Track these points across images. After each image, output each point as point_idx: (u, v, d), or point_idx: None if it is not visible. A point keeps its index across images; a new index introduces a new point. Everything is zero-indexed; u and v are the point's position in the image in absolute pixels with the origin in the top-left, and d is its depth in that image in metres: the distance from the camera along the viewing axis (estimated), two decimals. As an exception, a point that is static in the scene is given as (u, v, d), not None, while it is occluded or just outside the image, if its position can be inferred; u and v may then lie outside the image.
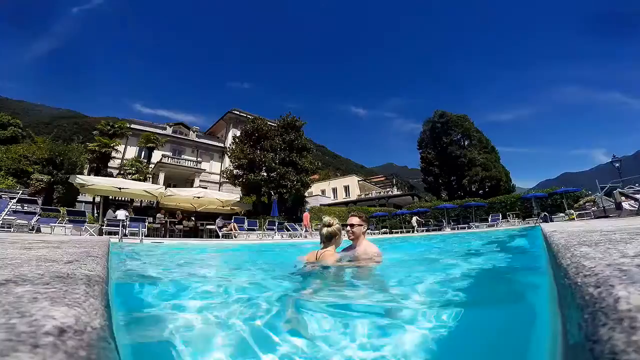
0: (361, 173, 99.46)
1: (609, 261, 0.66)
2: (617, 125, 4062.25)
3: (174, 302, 1.40)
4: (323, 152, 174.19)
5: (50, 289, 0.57)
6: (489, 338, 0.98)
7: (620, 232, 1.52)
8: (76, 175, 11.65)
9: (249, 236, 12.08)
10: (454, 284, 1.79)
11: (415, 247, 6.74)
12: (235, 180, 17.38)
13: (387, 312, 1.26)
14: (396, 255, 3.90)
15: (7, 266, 0.87)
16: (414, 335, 0.95)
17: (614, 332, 0.36)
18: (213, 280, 2.24)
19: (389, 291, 1.68)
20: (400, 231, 17.96)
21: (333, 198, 35.79)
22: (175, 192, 13.14)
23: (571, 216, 12.76)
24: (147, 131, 25.92)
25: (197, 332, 1.03)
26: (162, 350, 0.91)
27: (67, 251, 1.47)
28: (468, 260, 3.17)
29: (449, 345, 0.94)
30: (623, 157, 16.26)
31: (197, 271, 2.84)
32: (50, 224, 8.66)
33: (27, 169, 14.20)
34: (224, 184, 26.69)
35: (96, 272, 0.84)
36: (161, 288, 1.77)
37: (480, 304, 1.44)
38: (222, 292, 1.66)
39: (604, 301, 0.44)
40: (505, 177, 32.16)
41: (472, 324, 1.13)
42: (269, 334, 0.98)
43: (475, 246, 5.09)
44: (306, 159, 17.84)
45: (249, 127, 18.06)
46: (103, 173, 19.32)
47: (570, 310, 0.57)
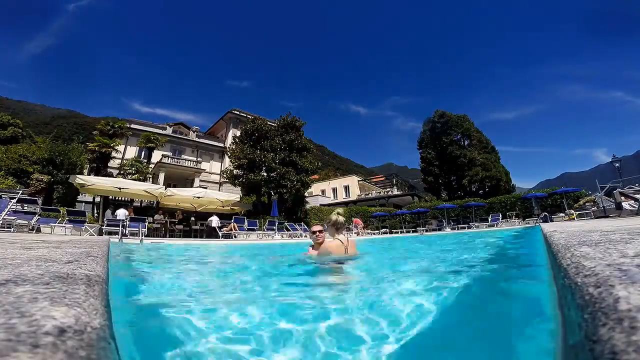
0: (361, 173, 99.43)
1: (609, 261, 0.66)
2: (619, 124, 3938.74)
3: (173, 302, 1.40)
4: (323, 152, 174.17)
5: (50, 289, 0.57)
6: (489, 338, 0.98)
7: (620, 232, 1.52)
8: (76, 175, 11.64)
9: (249, 236, 12.08)
10: (454, 284, 1.79)
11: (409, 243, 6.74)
12: (235, 180, 17.38)
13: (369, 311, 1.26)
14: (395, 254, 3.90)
15: (7, 266, 0.87)
16: (412, 336, 0.95)
17: (614, 332, 0.36)
18: (211, 279, 2.24)
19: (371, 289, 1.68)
20: (401, 231, 17.96)
21: (333, 198, 35.78)
22: (175, 192, 13.14)
23: (571, 216, 12.76)
24: (147, 131, 25.92)
25: (195, 332, 1.02)
26: (162, 350, 0.91)
27: (67, 251, 1.47)
28: (468, 260, 3.17)
29: (449, 345, 0.94)
30: (623, 157, 16.26)
31: (195, 270, 2.84)
32: (50, 224, 8.66)
33: (27, 169, 14.20)
34: (224, 184, 26.68)
35: (96, 272, 0.84)
36: (160, 287, 1.77)
37: (480, 304, 1.44)
38: (220, 292, 1.66)
39: (604, 301, 0.44)
40: (505, 177, 32.16)
41: (472, 324, 1.13)
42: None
43: (475, 246, 5.09)
44: (306, 159, 17.83)
45: (249, 127, 18.05)
46: (103, 173, 19.30)
47: (570, 310, 0.57)
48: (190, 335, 0.99)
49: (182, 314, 1.20)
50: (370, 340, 0.92)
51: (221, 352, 0.88)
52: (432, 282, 1.81)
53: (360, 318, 1.12)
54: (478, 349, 0.93)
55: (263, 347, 0.90)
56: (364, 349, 0.88)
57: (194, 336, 0.99)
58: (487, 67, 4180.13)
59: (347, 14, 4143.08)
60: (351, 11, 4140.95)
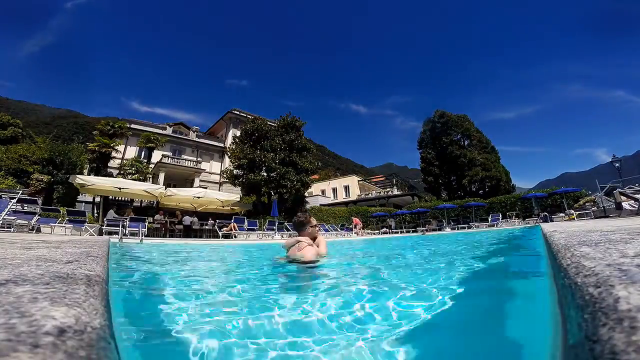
0: (361, 173, 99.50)
1: (609, 261, 0.66)
2: (621, 123, 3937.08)
3: (173, 301, 1.40)
4: (323, 152, 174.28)
5: (50, 289, 0.57)
6: (489, 338, 0.98)
7: (620, 232, 1.53)
8: (76, 175, 11.64)
9: (248, 236, 12.08)
10: (453, 283, 1.79)
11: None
12: (235, 180, 17.39)
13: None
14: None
15: (7, 266, 0.87)
16: (411, 335, 0.95)
17: (614, 332, 0.36)
18: (209, 279, 2.25)
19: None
20: (401, 231, 17.97)
21: (333, 198, 35.78)
22: (175, 192, 13.14)
23: (571, 216, 12.76)
24: (147, 131, 25.94)
25: (194, 330, 1.02)
26: (162, 349, 0.91)
27: (67, 251, 1.47)
28: (467, 260, 3.17)
29: (449, 345, 0.94)
30: (623, 157, 16.27)
31: (193, 270, 2.84)
32: (50, 224, 8.66)
33: (27, 169, 14.21)
34: (224, 184, 26.70)
35: (96, 272, 0.84)
36: (159, 287, 1.77)
37: (480, 304, 1.44)
38: (218, 291, 1.66)
39: (604, 301, 0.44)
40: (505, 177, 32.17)
41: (471, 324, 1.13)
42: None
43: (474, 246, 5.09)
44: (306, 159, 17.84)
45: (249, 127, 18.06)
46: (103, 173, 19.32)
47: (570, 310, 0.57)
48: (190, 335, 0.99)
49: (182, 313, 1.20)
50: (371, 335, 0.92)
51: (221, 351, 0.88)
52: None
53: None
54: (478, 349, 0.93)
55: (264, 348, 0.90)
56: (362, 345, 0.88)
57: (194, 336, 0.99)
58: (488, 66, 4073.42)
59: (347, 13, 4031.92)
60: (351, 10, 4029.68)
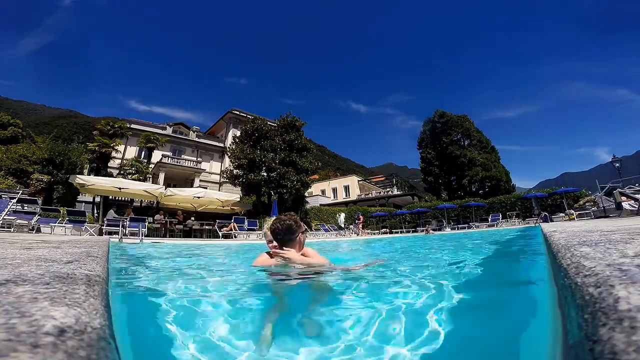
0: (361, 173, 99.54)
1: (609, 261, 0.66)
2: (622, 122, 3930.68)
3: (173, 301, 1.40)
4: (323, 152, 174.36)
5: (50, 289, 0.57)
6: (489, 338, 0.98)
7: (620, 232, 1.53)
8: (76, 175, 11.64)
9: (249, 236, 12.08)
10: (452, 283, 1.79)
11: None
12: (235, 180, 17.38)
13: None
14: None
15: (7, 266, 0.87)
16: (409, 336, 0.95)
17: (614, 332, 0.36)
18: (209, 279, 2.24)
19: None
20: (400, 231, 17.98)
21: (333, 198, 35.79)
22: (175, 192, 13.14)
23: (571, 216, 12.76)
24: (147, 131, 25.95)
25: (194, 330, 1.03)
26: (162, 349, 0.91)
27: (67, 251, 1.47)
28: (466, 260, 3.16)
29: (448, 345, 0.94)
30: (623, 156, 16.28)
31: (193, 270, 2.84)
32: (50, 224, 8.66)
33: (27, 169, 14.20)
34: (224, 184, 26.69)
35: (96, 272, 0.84)
36: (157, 286, 1.77)
37: (479, 305, 1.44)
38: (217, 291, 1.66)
39: (604, 301, 0.44)
40: (505, 177, 32.18)
41: (471, 324, 1.13)
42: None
43: (474, 245, 5.09)
44: (306, 159, 17.83)
45: (249, 127, 18.06)
46: (103, 173, 19.33)
47: (570, 310, 0.57)
48: (190, 335, 1.00)
49: (182, 313, 1.20)
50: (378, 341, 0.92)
51: (221, 351, 0.88)
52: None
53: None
54: (478, 348, 0.93)
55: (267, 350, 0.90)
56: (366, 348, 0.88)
57: (194, 336, 0.99)
58: (489, 65, 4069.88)
59: (347, 12, 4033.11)
60: (351, 9, 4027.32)
